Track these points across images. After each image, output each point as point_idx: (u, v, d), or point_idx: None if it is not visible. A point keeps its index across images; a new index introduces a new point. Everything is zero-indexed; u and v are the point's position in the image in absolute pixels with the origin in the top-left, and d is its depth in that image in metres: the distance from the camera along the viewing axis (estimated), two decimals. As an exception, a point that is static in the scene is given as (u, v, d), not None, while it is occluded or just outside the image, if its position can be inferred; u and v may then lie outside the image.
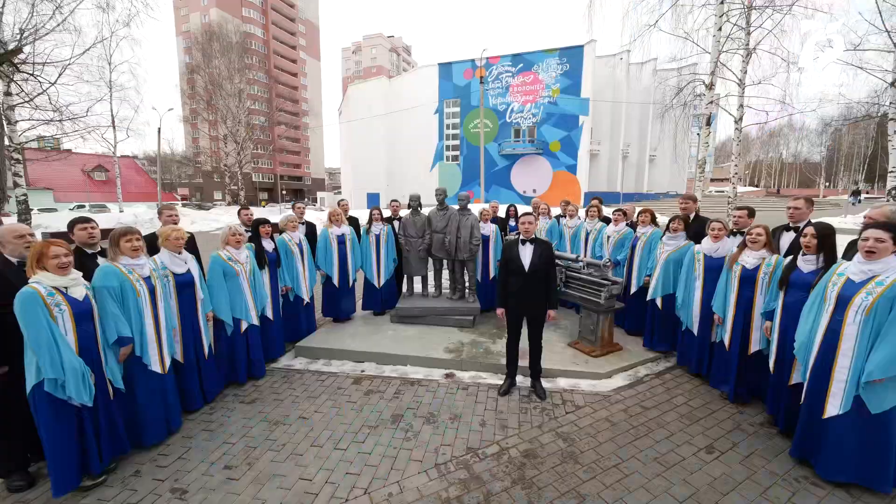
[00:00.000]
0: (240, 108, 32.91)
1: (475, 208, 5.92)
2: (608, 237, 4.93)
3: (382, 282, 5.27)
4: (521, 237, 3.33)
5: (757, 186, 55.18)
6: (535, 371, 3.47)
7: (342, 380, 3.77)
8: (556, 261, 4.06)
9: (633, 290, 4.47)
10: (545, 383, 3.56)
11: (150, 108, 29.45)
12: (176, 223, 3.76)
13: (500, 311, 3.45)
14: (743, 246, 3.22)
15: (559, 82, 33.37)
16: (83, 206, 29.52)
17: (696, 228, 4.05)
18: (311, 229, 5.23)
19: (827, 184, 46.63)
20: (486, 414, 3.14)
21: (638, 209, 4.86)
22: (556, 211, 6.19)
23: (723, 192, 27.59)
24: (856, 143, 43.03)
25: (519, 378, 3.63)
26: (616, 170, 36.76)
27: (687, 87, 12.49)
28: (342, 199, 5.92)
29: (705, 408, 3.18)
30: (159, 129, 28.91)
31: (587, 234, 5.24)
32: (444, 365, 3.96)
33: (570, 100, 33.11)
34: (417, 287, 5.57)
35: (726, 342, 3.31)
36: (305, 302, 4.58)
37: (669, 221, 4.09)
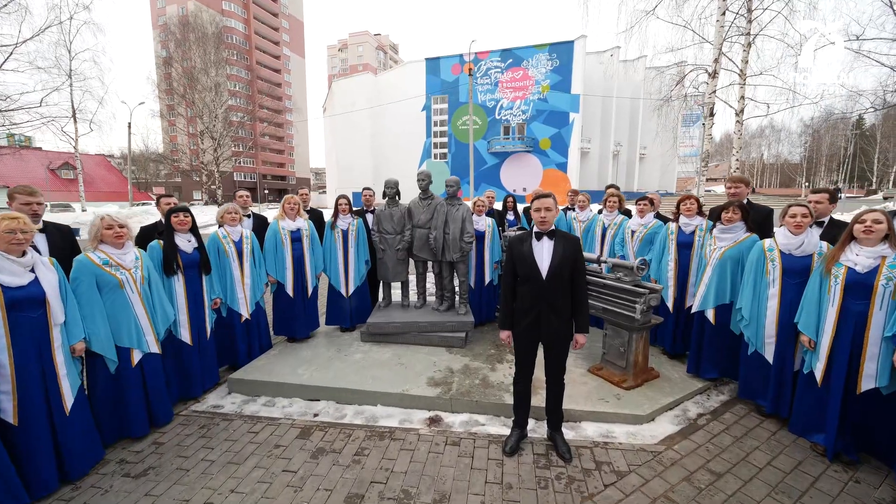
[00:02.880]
0: (216, 103, 31.19)
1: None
2: (632, 232, 3.99)
3: (351, 289, 4.21)
4: (536, 229, 2.32)
5: (743, 186, 55.68)
6: (556, 419, 2.46)
7: (284, 430, 2.70)
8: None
9: (701, 306, 3.12)
10: (566, 431, 2.57)
11: (120, 101, 27.59)
12: (39, 215, 2.62)
13: (504, 334, 2.43)
14: (846, 239, 2.29)
15: (549, 78, 32.75)
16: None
17: (755, 219, 3.12)
18: (260, 223, 4.19)
19: (807, 183, 47.33)
20: (489, 491, 2.11)
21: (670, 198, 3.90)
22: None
23: (711, 191, 27.16)
24: (834, 143, 43.82)
25: (530, 423, 2.62)
26: (607, 168, 36.39)
27: (687, 77, 11.81)
28: (303, 189, 4.83)
29: (800, 472, 2.22)
30: (129, 123, 27.08)
31: (604, 230, 4.28)
32: (427, 405, 2.92)
33: (560, 96, 32.52)
34: (396, 296, 4.53)
35: (819, 374, 2.38)
36: (244, 318, 3.48)
37: (720, 210, 3.15)
